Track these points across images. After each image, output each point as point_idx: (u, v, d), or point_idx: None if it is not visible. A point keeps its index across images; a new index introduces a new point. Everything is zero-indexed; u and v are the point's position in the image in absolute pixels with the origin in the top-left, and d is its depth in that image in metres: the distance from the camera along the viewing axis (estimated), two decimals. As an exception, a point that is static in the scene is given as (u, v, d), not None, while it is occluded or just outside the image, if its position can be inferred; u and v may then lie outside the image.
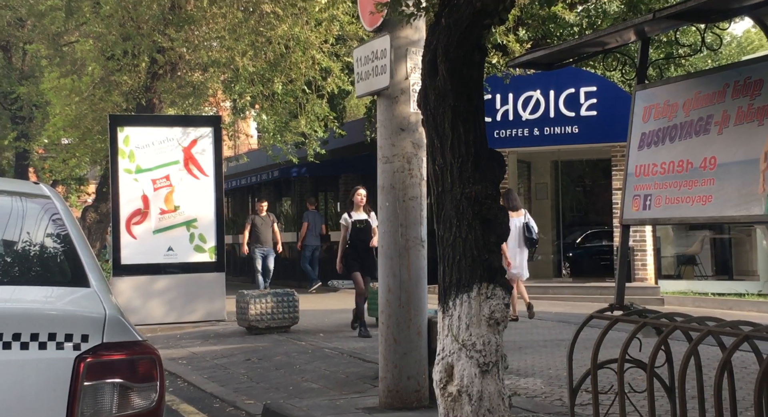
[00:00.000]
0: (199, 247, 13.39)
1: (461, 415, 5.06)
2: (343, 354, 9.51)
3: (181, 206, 13.32)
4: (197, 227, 13.39)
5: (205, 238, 13.41)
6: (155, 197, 13.23)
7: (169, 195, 13.29)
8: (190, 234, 13.35)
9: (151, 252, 13.11)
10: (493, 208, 5.09)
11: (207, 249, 13.42)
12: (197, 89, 16.01)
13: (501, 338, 5.12)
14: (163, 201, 13.25)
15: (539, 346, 9.72)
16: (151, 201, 13.22)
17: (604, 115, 15.72)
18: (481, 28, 5.03)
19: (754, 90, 4.44)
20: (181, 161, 13.37)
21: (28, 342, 2.64)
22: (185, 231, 13.34)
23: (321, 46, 13.34)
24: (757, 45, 29.29)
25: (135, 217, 13.14)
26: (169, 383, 8.12)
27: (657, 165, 4.95)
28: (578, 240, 19.21)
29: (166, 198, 13.27)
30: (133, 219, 13.14)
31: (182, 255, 13.24)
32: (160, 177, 13.27)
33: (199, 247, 13.39)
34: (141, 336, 2.92)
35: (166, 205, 13.26)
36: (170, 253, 13.18)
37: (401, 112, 6.68)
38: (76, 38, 16.07)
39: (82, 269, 3.19)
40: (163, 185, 13.28)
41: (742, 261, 16.61)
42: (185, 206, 13.33)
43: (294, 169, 20.48)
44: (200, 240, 13.39)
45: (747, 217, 4.43)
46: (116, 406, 2.76)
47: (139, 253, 13.06)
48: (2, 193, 3.77)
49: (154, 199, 13.22)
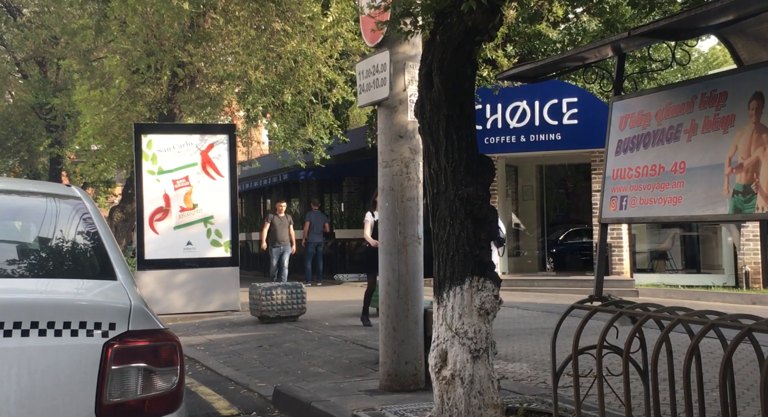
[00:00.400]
0: (215, 242, 13.41)
1: (454, 396, 5.06)
2: (346, 341, 9.51)
3: (199, 204, 13.35)
4: (213, 223, 13.41)
5: (221, 233, 13.44)
6: (176, 196, 13.26)
7: (188, 194, 13.32)
8: (207, 230, 13.38)
9: (171, 246, 13.14)
10: (484, 208, 5.09)
11: (222, 243, 13.44)
12: (214, 100, 16.02)
13: (491, 327, 5.13)
14: (182, 200, 13.29)
15: (525, 334, 9.72)
16: (172, 200, 13.24)
17: (585, 124, 15.72)
18: (472, 45, 5.04)
19: (719, 101, 4.44)
20: (199, 164, 13.40)
21: (61, 330, 2.64)
22: (203, 227, 13.36)
23: (326, 61, 13.34)
24: (722, 60, 29.37)
25: (157, 214, 13.18)
26: (188, 367, 8.13)
27: (632, 169, 4.95)
28: (561, 237, 19.19)
29: (185, 197, 13.30)
30: (156, 216, 13.17)
31: (200, 249, 13.27)
32: (180, 178, 13.30)
33: (215, 241, 13.41)
34: (163, 324, 2.92)
35: (185, 204, 13.29)
36: (189, 247, 13.21)
37: (400, 121, 6.68)
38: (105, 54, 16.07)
39: (109, 264, 3.18)
40: (183, 185, 13.31)
41: (708, 256, 16.63)
42: (203, 204, 13.36)
43: (302, 172, 20.46)
44: (216, 235, 13.42)
45: (713, 216, 4.43)
46: (141, 387, 2.76)
47: (161, 247, 13.09)
48: (38, 194, 3.78)
49: (174, 198, 13.25)
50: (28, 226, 3.56)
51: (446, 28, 4.98)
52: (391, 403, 6.00)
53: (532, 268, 18.27)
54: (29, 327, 2.60)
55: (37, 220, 3.52)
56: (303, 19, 12.43)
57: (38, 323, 2.62)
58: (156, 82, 14.22)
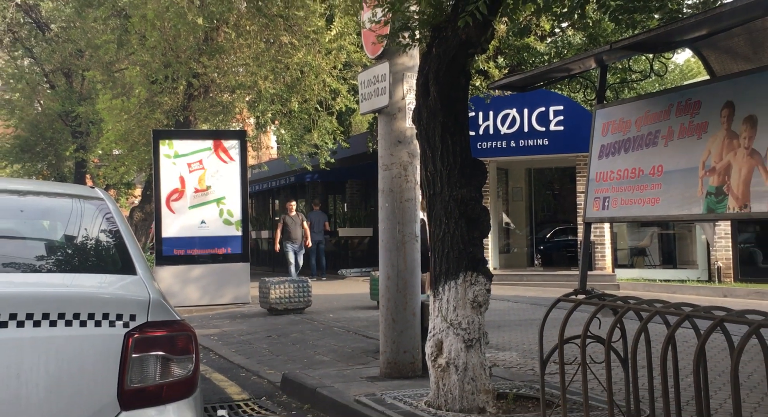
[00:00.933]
0: (227, 221, 13.44)
1: (449, 383, 5.06)
2: (349, 332, 9.51)
3: (212, 186, 13.38)
4: (225, 203, 13.45)
5: (232, 212, 13.47)
6: (190, 178, 13.30)
7: (202, 176, 13.36)
8: (219, 209, 13.41)
9: (187, 224, 13.19)
10: (477, 209, 5.09)
11: (234, 222, 13.45)
12: (226, 108, 16.00)
13: (483, 318, 5.13)
14: (197, 181, 13.33)
15: (515, 325, 9.71)
16: (187, 181, 13.29)
17: (570, 130, 15.72)
18: (466, 57, 5.04)
19: (694, 110, 4.44)
20: (212, 148, 13.45)
21: (86, 320, 2.64)
22: (215, 206, 13.40)
23: (331, 72, 13.34)
24: (696, 72, 29.41)
25: (173, 194, 13.24)
26: (202, 356, 8.12)
27: (614, 172, 4.95)
28: (548, 235, 19.17)
29: (199, 179, 13.34)
30: (172, 196, 13.23)
31: (213, 227, 13.29)
32: (195, 161, 13.35)
33: (227, 220, 13.44)
34: (179, 316, 2.91)
35: (199, 185, 13.34)
36: (203, 226, 13.25)
37: (399, 127, 6.67)
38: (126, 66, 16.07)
39: (130, 260, 3.18)
40: (197, 168, 13.35)
41: (684, 252, 16.62)
42: (215, 186, 13.39)
43: (308, 175, 20.46)
44: (228, 214, 13.46)
45: (689, 215, 4.43)
46: (159, 374, 2.76)
47: (177, 225, 13.15)
48: (64, 195, 3.78)
49: (189, 180, 13.29)
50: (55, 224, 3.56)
51: (442, 41, 4.98)
52: (391, 388, 6.00)
53: (520, 263, 18.25)
54: (56, 318, 2.60)
55: (63, 220, 3.52)
56: (309, 33, 12.43)
57: (65, 314, 2.62)
58: (173, 91, 14.21)
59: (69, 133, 22.00)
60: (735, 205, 4.08)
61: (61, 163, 24.28)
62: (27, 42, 20.77)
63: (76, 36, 17.24)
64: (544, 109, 16.05)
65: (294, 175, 21.40)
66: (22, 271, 3.11)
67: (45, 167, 24.82)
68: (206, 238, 13.27)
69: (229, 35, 13.10)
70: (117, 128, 15.92)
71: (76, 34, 17.16)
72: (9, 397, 2.50)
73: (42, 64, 21.03)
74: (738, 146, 4.11)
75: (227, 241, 13.37)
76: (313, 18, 12.27)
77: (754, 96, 4.06)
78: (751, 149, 4.02)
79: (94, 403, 2.62)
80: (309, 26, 12.28)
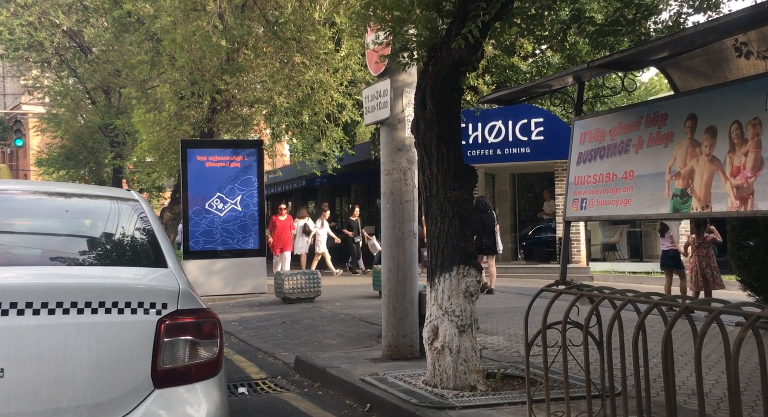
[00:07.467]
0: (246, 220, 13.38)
1: (444, 364, 5.05)
2: (354, 319, 9.49)
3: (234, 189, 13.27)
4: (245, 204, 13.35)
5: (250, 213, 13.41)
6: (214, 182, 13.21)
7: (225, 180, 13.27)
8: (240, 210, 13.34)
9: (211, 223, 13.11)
10: (468, 209, 5.08)
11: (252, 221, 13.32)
12: (245, 120, 15.99)
13: (474, 306, 5.11)
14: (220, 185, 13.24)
15: (502, 312, 9.69)
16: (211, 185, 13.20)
17: (549, 139, 15.70)
18: (458, 74, 5.03)
19: (661, 121, 4.43)
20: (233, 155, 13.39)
21: (123, 308, 2.63)
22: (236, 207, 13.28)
23: (338, 88, 13.33)
24: (659, 89, 29.69)
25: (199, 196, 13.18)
26: (225, 339, 8.11)
27: (590, 176, 4.94)
28: (530, 232, 19.14)
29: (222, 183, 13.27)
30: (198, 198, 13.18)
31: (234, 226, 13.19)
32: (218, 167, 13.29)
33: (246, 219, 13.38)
34: (205, 305, 2.90)
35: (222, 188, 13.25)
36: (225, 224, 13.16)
37: (399, 137, 6.66)
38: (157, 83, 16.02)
39: (161, 254, 3.17)
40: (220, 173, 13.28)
41: (649, 247, 16.62)
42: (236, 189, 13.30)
43: (317, 179, 20.42)
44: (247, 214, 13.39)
45: (657, 215, 4.43)
46: (188, 356, 2.74)
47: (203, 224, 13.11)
48: (103, 197, 3.77)
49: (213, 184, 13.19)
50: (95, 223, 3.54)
51: (437, 60, 4.97)
52: (392, 369, 5.99)
53: (506, 257, 18.23)
54: (97, 306, 2.59)
55: (103, 219, 3.51)
56: (319, 54, 12.41)
57: (104, 303, 2.61)
58: (198, 106, 14.19)
59: (108, 143, 22.02)
60: (698, 205, 4.07)
61: (101, 170, 24.31)
62: (72, 63, 20.81)
63: (114, 58, 17.26)
64: (526, 121, 16.03)
65: (305, 179, 21.39)
66: (67, 265, 3.10)
67: (86, 173, 24.84)
68: (228, 235, 13.24)
69: (249, 56, 13.10)
70: (150, 139, 15.89)
71: (114, 56, 17.17)
72: (57, 375, 2.51)
73: (84, 82, 21.08)
74: (700, 153, 4.10)
75: (246, 238, 13.34)
76: (323, 41, 12.26)
77: (714, 109, 4.05)
78: (712, 156, 4.01)
79: (130, 381, 2.61)
80: (319, 48, 12.27)
